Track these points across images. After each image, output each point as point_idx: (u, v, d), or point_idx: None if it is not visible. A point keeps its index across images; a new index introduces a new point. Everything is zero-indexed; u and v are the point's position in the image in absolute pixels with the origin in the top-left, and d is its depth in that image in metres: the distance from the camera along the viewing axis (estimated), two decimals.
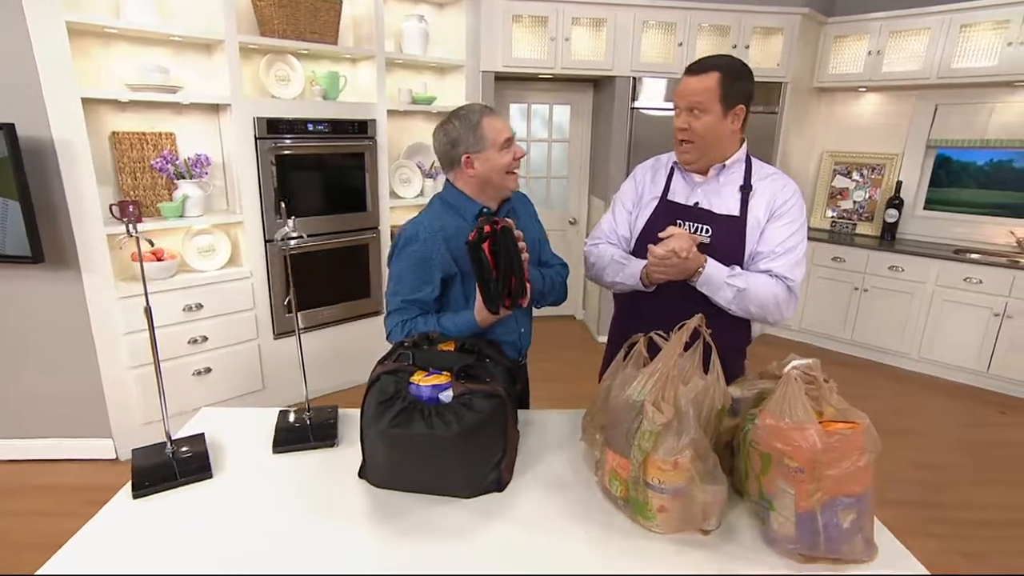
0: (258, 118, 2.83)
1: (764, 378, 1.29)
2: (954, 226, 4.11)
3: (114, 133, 2.68)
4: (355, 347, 3.40)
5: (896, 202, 4.13)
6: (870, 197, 4.34)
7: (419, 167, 3.64)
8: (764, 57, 3.94)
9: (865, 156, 4.35)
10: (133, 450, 1.28)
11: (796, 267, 1.48)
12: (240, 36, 2.76)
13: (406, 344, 1.26)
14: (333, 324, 3.28)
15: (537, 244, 1.63)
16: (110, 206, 2.74)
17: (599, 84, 4.28)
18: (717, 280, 1.44)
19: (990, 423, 3.34)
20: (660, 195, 1.61)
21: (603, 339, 4.34)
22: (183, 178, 2.80)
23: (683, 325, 1.16)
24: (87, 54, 2.56)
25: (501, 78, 3.85)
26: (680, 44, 3.80)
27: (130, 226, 1.18)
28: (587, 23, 3.73)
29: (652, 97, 3.91)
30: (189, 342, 2.81)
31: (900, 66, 3.88)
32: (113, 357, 2.62)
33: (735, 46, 3.83)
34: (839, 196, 4.47)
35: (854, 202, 4.41)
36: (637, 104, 3.91)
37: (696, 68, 1.45)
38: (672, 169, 1.62)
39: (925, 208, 4.25)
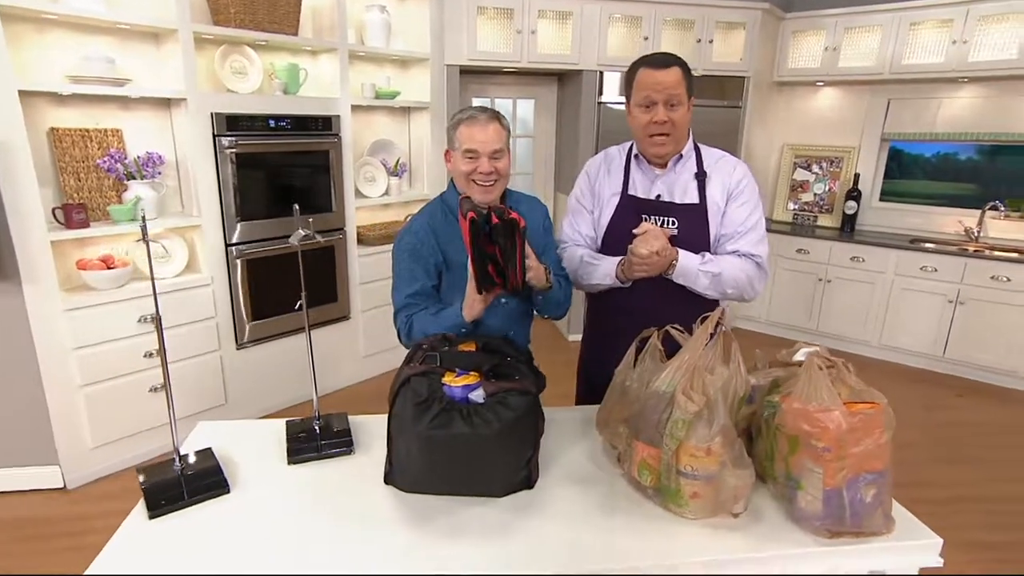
0: (216, 114, 2.76)
1: (774, 366, 1.40)
2: (908, 217, 4.44)
3: (53, 129, 2.56)
4: (324, 354, 3.36)
5: (855, 194, 4.43)
6: (830, 189, 4.63)
7: (384, 165, 3.64)
8: (727, 51, 4.14)
9: (824, 149, 4.65)
10: (138, 468, 1.25)
11: (760, 243, 1.61)
12: (193, 25, 2.69)
13: (424, 346, 1.30)
14: (299, 331, 3.24)
15: (536, 253, 1.63)
16: (53, 210, 2.64)
17: (564, 78, 4.38)
18: (691, 270, 1.55)
19: (948, 405, 3.64)
20: (620, 190, 1.69)
21: (574, 337, 4.45)
22: (133, 178, 2.70)
23: (706, 317, 1.25)
24: (20, 43, 2.44)
25: (467, 71, 3.88)
26: (646, 38, 3.94)
27: (145, 228, 1.15)
28: (553, 16, 3.82)
29: (619, 91, 4.04)
30: (144, 356, 2.71)
31: (855, 61, 4.17)
32: (60, 376, 2.50)
33: (699, 40, 4.02)
34: (800, 189, 4.75)
35: (815, 194, 4.69)
36: (604, 98, 4.03)
37: (660, 63, 1.54)
38: (628, 163, 1.71)
39: (881, 200, 4.57)
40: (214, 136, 2.78)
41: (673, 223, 1.62)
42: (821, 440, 1.12)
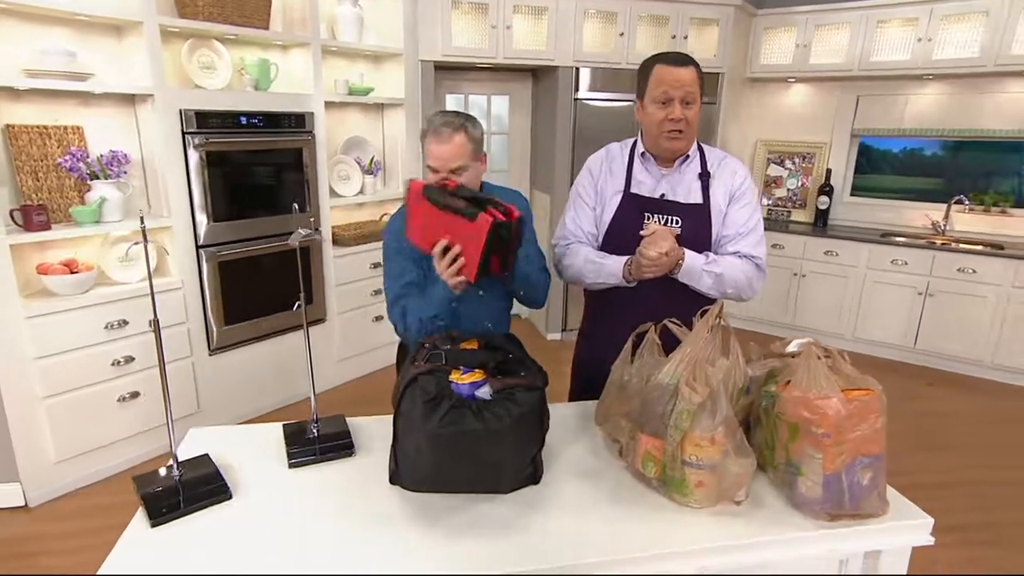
0: (185, 110, 2.72)
1: (769, 357, 1.47)
2: (878, 211, 4.63)
3: (8, 126, 2.48)
4: (298, 358, 3.33)
5: (827, 189, 4.60)
6: (802, 185, 4.79)
7: (358, 163, 3.63)
8: (701, 48, 4.25)
9: (796, 145, 4.81)
10: (134, 478, 1.24)
11: (759, 244, 1.69)
12: (159, 17, 2.64)
13: (427, 345, 1.32)
14: (275, 335, 3.21)
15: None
16: (11, 211, 2.56)
17: (538, 74, 4.43)
18: (696, 270, 1.61)
19: (920, 395, 3.82)
20: (623, 188, 1.74)
21: (553, 336, 4.51)
22: (97, 178, 2.64)
23: (707, 310, 1.31)
24: None
25: (441, 67, 3.90)
26: (621, 34, 4.02)
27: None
28: (528, 11, 3.87)
29: (595, 87, 4.11)
30: (112, 364, 2.65)
31: (825, 58, 4.33)
32: (21, 387, 2.43)
33: (674, 36, 4.12)
34: (774, 184, 4.91)
35: (788, 190, 4.85)
36: (580, 95, 4.09)
37: (678, 60, 1.60)
38: (631, 161, 1.76)
39: (852, 195, 4.76)
40: (183, 134, 2.73)
41: (677, 222, 1.67)
42: (821, 426, 1.18)
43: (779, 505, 1.28)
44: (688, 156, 1.70)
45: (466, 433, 1.12)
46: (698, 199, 1.68)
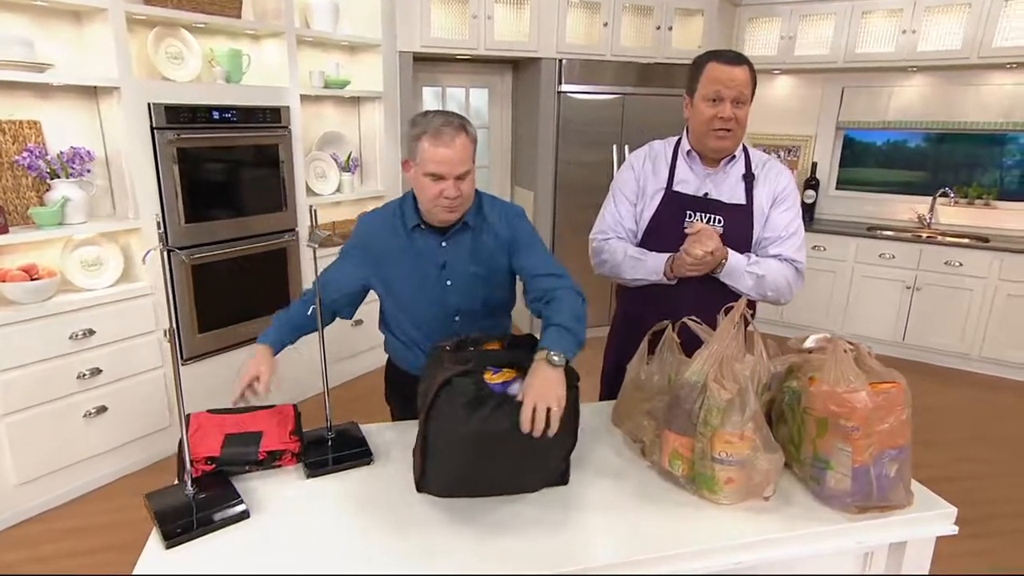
0: (154, 104, 2.67)
1: (787, 353, 1.53)
2: (864, 205, 4.80)
3: None
4: (280, 366, 3.29)
5: (813, 183, 4.75)
6: None
7: (335, 159, 3.61)
8: (686, 39, 4.35)
9: (782, 138, 4.95)
10: (146, 495, 1.22)
11: (800, 249, 1.76)
12: (125, 4, 2.59)
13: (448, 347, 1.34)
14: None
15: (487, 280, 1.61)
16: None
17: (519, 66, 4.47)
18: (739, 270, 1.68)
19: (912, 390, 3.96)
20: (665, 186, 1.80)
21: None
22: (57, 177, 2.57)
23: (731, 307, 1.36)
24: None
25: (420, 59, 3.90)
26: (605, 24, 4.09)
27: None
28: (510, 0, 3.90)
29: (579, 80, 4.16)
30: (78, 377, 2.59)
31: (810, 50, 4.47)
32: None
33: (659, 27, 4.20)
34: None
35: None
36: (564, 88, 4.14)
37: (732, 59, 1.65)
38: (675, 159, 1.82)
39: (837, 188, 4.92)
40: (152, 129, 2.68)
41: (719, 221, 1.73)
42: (850, 420, 1.24)
43: (806, 500, 1.34)
44: (734, 156, 1.76)
45: (511, 431, 1.15)
46: (741, 200, 1.74)
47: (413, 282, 1.58)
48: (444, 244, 1.58)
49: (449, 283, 1.59)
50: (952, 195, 4.44)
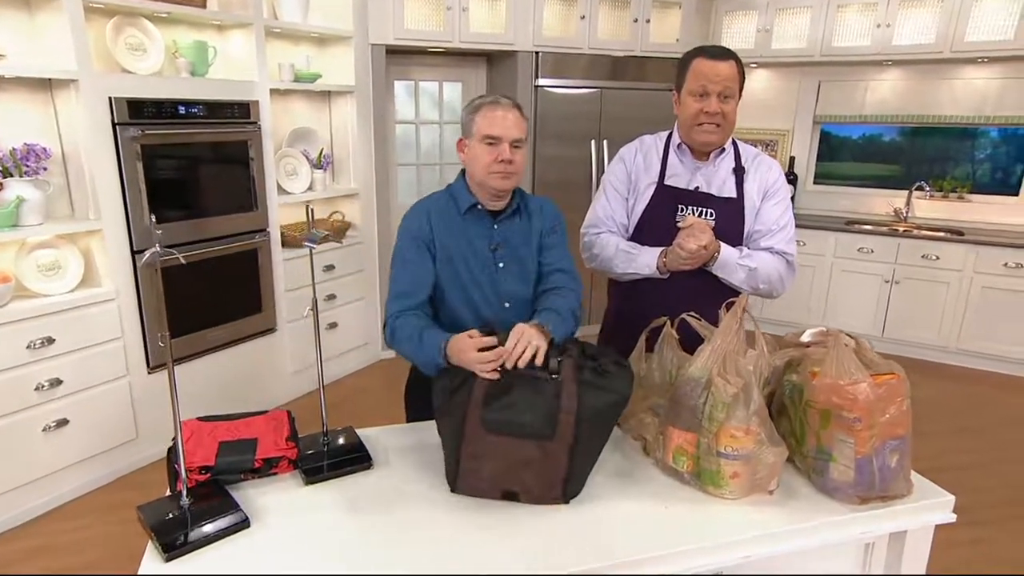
0: (115, 98, 2.61)
1: (784, 348, 1.58)
2: (841, 199, 4.95)
3: None
4: (250, 373, 3.27)
5: (791, 177, 4.88)
6: None
7: (306, 156, 3.57)
8: (664, 32, 4.43)
9: (760, 132, 5.07)
10: (139, 507, 1.20)
11: (791, 242, 1.81)
12: None
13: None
14: (221, 348, 3.12)
15: (529, 267, 1.67)
16: None
17: (494, 59, 4.48)
18: (731, 263, 1.73)
19: None
20: (657, 179, 1.84)
21: None
22: (11, 176, 2.50)
23: (732, 302, 1.40)
24: None
25: (391, 52, 3.89)
26: (583, 17, 4.13)
27: None
28: None
29: (556, 74, 4.20)
30: (36, 389, 2.52)
31: (787, 43, 4.59)
32: None
33: (636, 20, 4.27)
34: None
35: None
36: (541, 82, 4.17)
37: (718, 54, 1.71)
38: (666, 153, 1.85)
39: (815, 183, 5.06)
40: (114, 125, 2.62)
41: (711, 215, 1.77)
42: (852, 411, 1.29)
43: (809, 493, 1.39)
44: (723, 150, 1.81)
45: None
46: (732, 193, 1.80)
47: (468, 263, 1.61)
48: (496, 227, 1.64)
49: (502, 265, 1.63)
50: (928, 189, 4.60)
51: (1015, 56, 4.04)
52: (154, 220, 1.21)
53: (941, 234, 4.35)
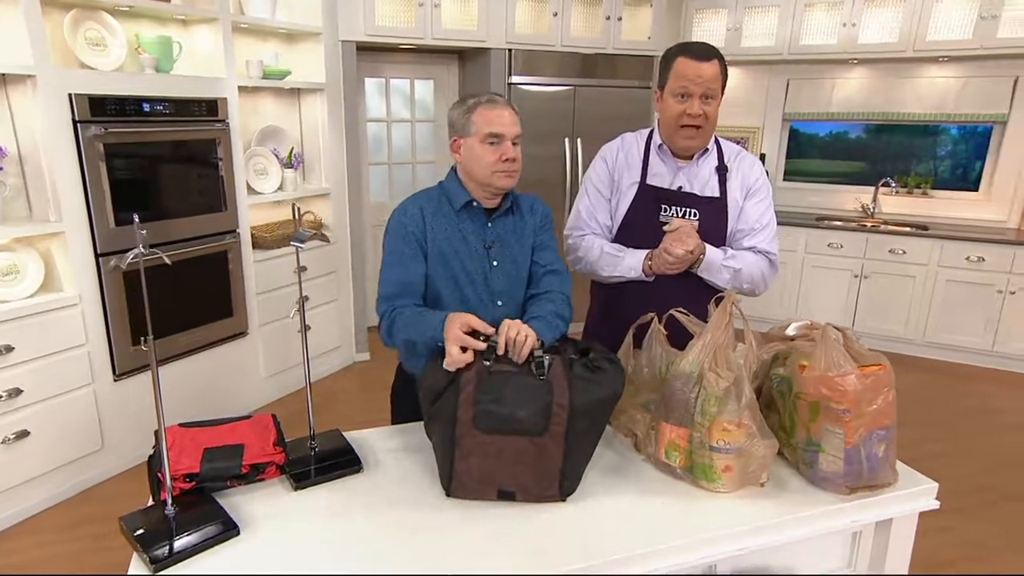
0: (76, 95, 2.53)
1: (771, 341, 1.61)
2: (810, 195, 5.07)
3: None
4: (222, 377, 3.20)
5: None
6: None
7: (275, 155, 3.52)
8: (636, 30, 4.47)
9: (731, 130, 5.15)
10: (121, 518, 1.16)
11: (773, 241, 1.84)
12: None
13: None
14: (192, 353, 3.05)
15: (522, 265, 1.68)
16: None
17: (465, 56, 4.48)
18: (716, 264, 1.75)
19: None
20: (639, 179, 1.84)
21: None
22: None
23: (721, 298, 1.42)
24: None
25: (361, 48, 3.85)
26: (555, 14, 4.15)
27: None
28: None
29: (529, 71, 4.21)
30: None
31: (756, 41, 4.68)
32: None
33: (608, 17, 4.30)
34: None
35: None
36: (515, 79, 4.18)
37: (701, 54, 1.70)
38: (647, 152, 1.87)
39: (784, 179, 5.17)
40: (75, 123, 2.54)
41: (695, 215, 1.78)
42: (842, 403, 1.32)
43: (799, 484, 1.41)
44: (707, 149, 1.82)
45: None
46: (715, 193, 1.81)
47: (462, 260, 1.60)
48: (490, 225, 1.63)
49: (495, 264, 1.63)
50: (893, 185, 4.73)
51: (974, 55, 4.19)
52: (137, 220, 1.17)
53: (907, 229, 4.48)
